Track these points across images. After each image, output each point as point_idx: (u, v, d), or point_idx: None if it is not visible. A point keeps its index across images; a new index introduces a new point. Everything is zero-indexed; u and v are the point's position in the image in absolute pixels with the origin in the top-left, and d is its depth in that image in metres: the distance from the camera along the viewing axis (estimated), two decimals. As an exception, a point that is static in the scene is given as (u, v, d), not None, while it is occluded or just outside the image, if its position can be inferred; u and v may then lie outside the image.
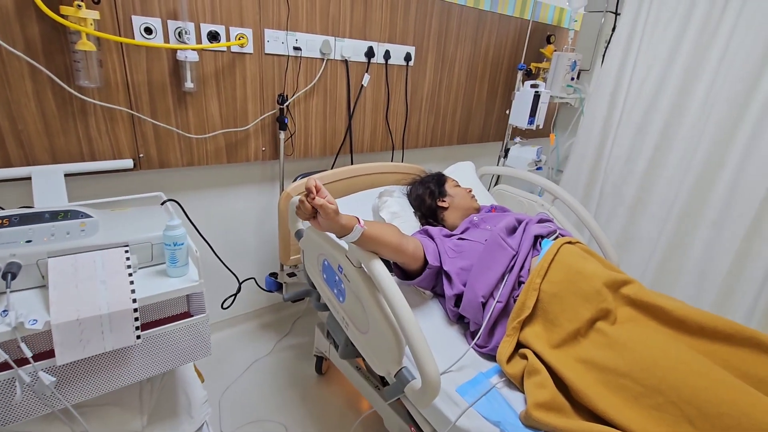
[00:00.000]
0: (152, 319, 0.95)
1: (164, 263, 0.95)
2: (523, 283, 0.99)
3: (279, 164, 1.61)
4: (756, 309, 1.41)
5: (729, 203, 1.44)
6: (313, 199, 0.79)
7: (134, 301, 0.84)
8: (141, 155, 1.33)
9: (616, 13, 1.95)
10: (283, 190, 1.61)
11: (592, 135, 1.73)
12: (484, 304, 0.99)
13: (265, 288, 1.71)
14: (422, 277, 1.04)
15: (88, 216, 0.95)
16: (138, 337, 0.86)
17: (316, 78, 1.59)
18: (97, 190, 1.33)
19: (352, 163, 1.84)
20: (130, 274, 0.88)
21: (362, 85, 1.73)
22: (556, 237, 1.08)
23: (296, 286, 1.75)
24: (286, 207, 1.45)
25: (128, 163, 1.30)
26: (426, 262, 1.03)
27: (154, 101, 1.30)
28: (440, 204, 1.34)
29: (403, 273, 1.06)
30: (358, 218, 0.87)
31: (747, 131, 1.42)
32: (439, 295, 1.13)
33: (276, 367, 1.69)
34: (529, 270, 1.01)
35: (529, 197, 1.58)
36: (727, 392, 0.71)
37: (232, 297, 1.48)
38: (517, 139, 2.00)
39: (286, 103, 1.53)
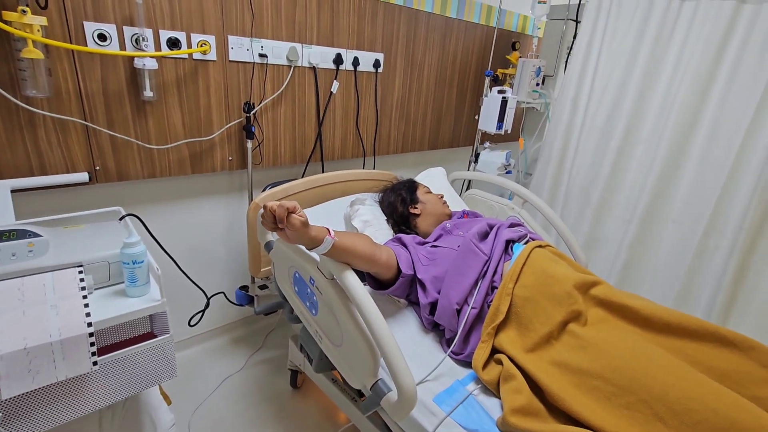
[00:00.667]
0: (112, 342, 0.89)
1: (123, 283, 0.90)
2: (497, 288, 0.99)
3: (247, 174, 1.56)
4: (716, 302, 1.48)
5: (688, 202, 1.51)
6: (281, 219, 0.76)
7: (89, 324, 0.79)
8: (97, 168, 1.26)
9: (577, 21, 2.02)
10: (251, 200, 1.57)
11: (557, 139, 1.78)
12: (458, 311, 0.98)
13: (235, 302, 1.66)
14: (396, 286, 1.03)
15: (36, 235, 0.89)
16: (95, 363, 0.80)
17: (284, 85, 1.56)
18: (51, 206, 1.25)
19: (323, 171, 1.82)
20: (85, 296, 0.83)
21: (331, 92, 1.72)
22: (527, 241, 1.09)
23: (268, 298, 1.71)
24: (255, 218, 1.41)
25: (83, 176, 1.23)
26: (399, 270, 1.02)
27: (111, 111, 1.24)
28: (412, 211, 1.34)
29: (376, 282, 1.05)
30: (328, 229, 0.85)
31: (702, 134, 1.50)
32: (414, 303, 1.12)
33: (249, 382, 1.63)
34: (501, 275, 1.01)
35: (500, 201, 1.60)
36: (694, 388, 0.73)
37: (200, 313, 1.42)
38: (487, 143, 2.03)
39: (253, 111, 1.49)
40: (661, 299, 1.55)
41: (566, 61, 2.15)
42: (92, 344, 0.79)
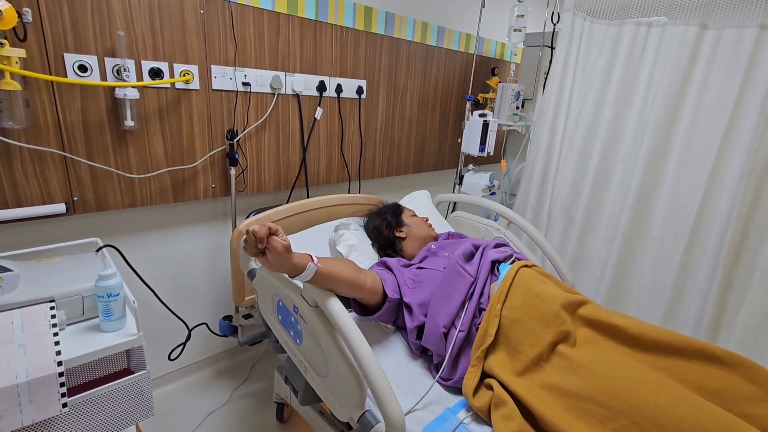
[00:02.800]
0: (85, 380, 0.85)
1: (98, 317, 0.86)
2: (484, 310, 0.98)
3: (230, 201, 1.54)
4: (703, 317, 1.49)
5: (668, 219, 1.53)
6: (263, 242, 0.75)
7: (59, 363, 0.75)
8: (75, 198, 1.24)
9: (552, 48, 2.10)
10: (235, 227, 1.55)
11: (538, 160, 1.82)
12: (446, 335, 0.97)
13: (218, 333, 1.60)
14: (382, 311, 1.01)
15: (5, 270, 0.86)
16: (64, 405, 0.76)
17: (267, 112, 1.57)
18: (27, 239, 1.21)
19: (308, 197, 1.81)
20: (56, 333, 0.79)
21: (315, 119, 1.73)
22: (513, 261, 1.09)
23: (253, 328, 1.66)
24: (238, 245, 1.39)
25: (60, 207, 1.20)
26: (386, 295, 1.00)
27: (90, 141, 1.23)
28: (398, 234, 1.33)
29: (361, 308, 1.03)
30: (311, 255, 0.84)
31: (676, 152, 1.54)
32: (402, 328, 1.10)
33: (233, 417, 1.56)
34: (488, 296, 1.00)
35: (485, 222, 1.60)
36: (686, 409, 0.72)
37: (181, 346, 1.37)
38: (470, 166, 2.06)
39: (236, 139, 1.49)
40: (649, 317, 1.55)
41: (544, 85, 2.22)
42: (62, 384, 0.75)
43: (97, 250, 1.05)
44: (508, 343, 0.93)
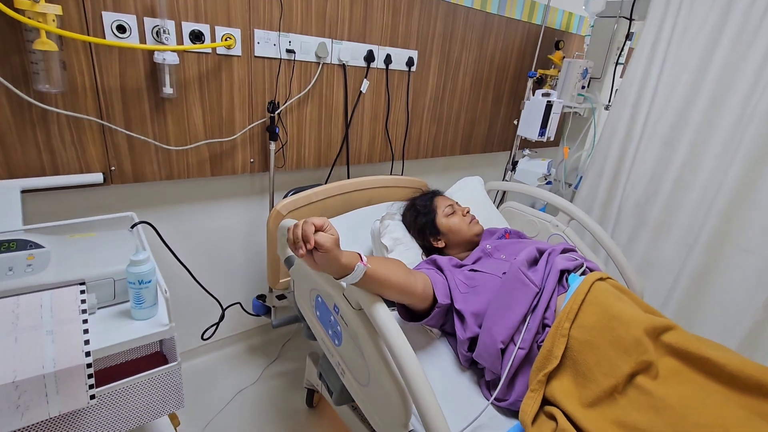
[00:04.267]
0: (113, 365, 0.80)
1: (128, 301, 0.81)
2: (548, 326, 0.86)
3: (269, 177, 1.46)
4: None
5: (765, 229, 1.31)
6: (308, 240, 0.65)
7: (87, 354, 0.70)
8: (112, 168, 1.19)
9: (630, 19, 1.84)
10: (273, 205, 1.47)
11: (613, 149, 1.61)
12: (503, 351, 0.85)
13: (252, 312, 1.57)
14: (431, 317, 0.90)
15: (37, 246, 0.81)
16: (92, 396, 0.71)
17: (311, 83, 1.45)
18: (63, 208, 1.18)
19: (348, 176, 1.71)
20: (85, 320, 0.74)
21: (361, 92, 1.60)
22: (584, 271, 0.95)
23: (287, 310, 1.61)
24: (275, 227, 1.31)
25: (97, 177, 1.15)
26: (435, 300, 0.90)
27: (128, 108, 1.16)
28: (436, 245, 1.20)
29: (407, 312, 0.93)
30: (360, 254, 0.73)
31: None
32: (449, 334, 1.00)
33: (263, 397, 1.54)
34: (555, 311, 0.88)
35: (542, 217, 1.45)
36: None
37: (214, 326, 1.33)
38: (526, 151, 1.88)
39: (278, 111, 1.39)
40: (724, 338, 1.36)
41: (616, 62, 1.97)
42: (90, 376, 0.70)
43: (132, 227, 0.99)
44: (575, 369, 0.81)
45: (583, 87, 1.96)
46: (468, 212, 1.24)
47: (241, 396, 1.55)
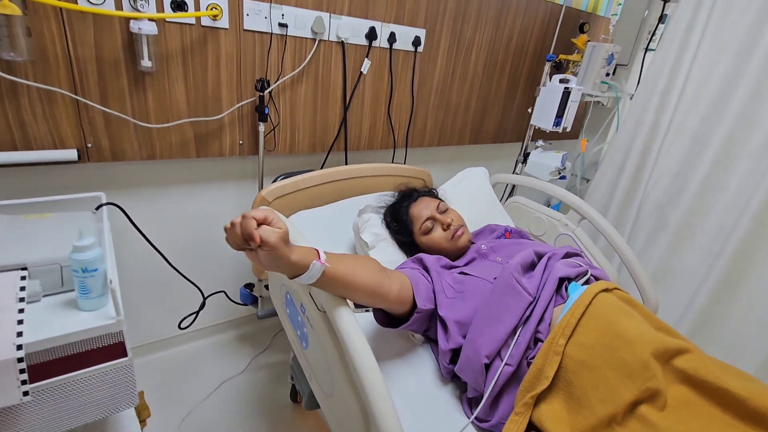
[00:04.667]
0: (68, 358, 0.74)
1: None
2: (541, 341, 0.75)
3: (258, 161, 1.38)
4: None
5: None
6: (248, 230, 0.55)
7: (19, 347, 0.63)
8: (89, 145, 1.12)
9: (665, 0, 1.66)
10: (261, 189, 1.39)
11: (636, 142, 1.45)
12: (488, 366, 0.76)
13: (239, 301, 1.51)
14: (409, 323, 0.81)
15: (-19, 226, 0.75)
16: (25, 393, 0.65)
17: (306, 61, 1.35)
18: (36, 186, 1.13)
19: (346, 163, 1.61)
20: (22, 310, 0.67)
21: (361, 73, 1.49)
22: (588, 280, 0.83)
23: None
24: (260, 213, 1.23)
25: (71, 154, 1.09)
26: (415, 304, 0.80)
27: (105, 82, 1.09)
28: (418, 254, 1.07)
29: (385, 316, 0.83)
30: (318, 250, 0.64)
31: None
32: (432, 340, 0.90)
33: (248, 389, 1.49)
34: (550, 324, 0.77)
35: (551, 215, 1.33)
36: None
37: (194, 315, 1.27)
38: (539, 142, 1.74)
39: (268, 90, 1.30)
40: (746, 359, 1.21)
41: (646, 48, 1.80)
42: (22, 371, 0.64)
43: (97, 208, 0.93)
44: (569, 392, 0.70)
45: (607, 74, 1.80)
46: (451, 224, 1.01)
47: (226, 386, 1.50)
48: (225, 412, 1.39)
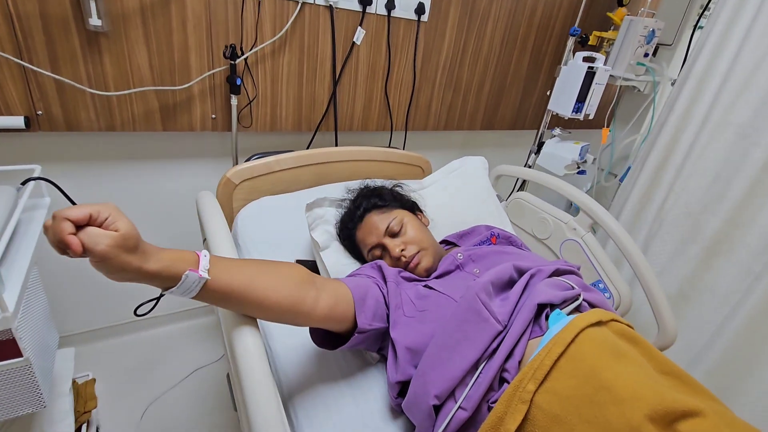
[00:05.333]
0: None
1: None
2: (508, 382, 0.60)
3: (231, 139, 1.25)
4: None
5: None
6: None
7: None
8: (39, 113, 1.03)
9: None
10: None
11: (664, 134, 1.22)
12: (438, 408, 0.61)
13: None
14: (349, 344, 0.67)
15: None
16: None
17: (286, 27, 1.20)
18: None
19: (336, 144, 1.46)
20: None
21: (354, 43, 1.32)
22: (578, 307, 0.66)
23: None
24: (224, 198, 1.12)
25: (18, 121, 0.99)
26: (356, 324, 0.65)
27: (53, 42, 0.98)
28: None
29: (323, 331, 0.69)
30: (198, 254, 0.51)
31: None
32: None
33: (220, 379, 1.41)
34: (520, 362, 0.61)
35: (556, 216, 1.14)
36: None
37: (153, 301, 1.18)
38: (556, 130, 1.52)
39: (241, 58, 1.16)
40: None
41: (695, 26, 1.53)
42: None
43: (23, 183, 0.83)
44: (533, 453, 0.55)
45: (646, 55, 1.54)
46: (401, 256, 0.82)
47: (199, 374, 1.43)
48: (193, 401, 1.33)
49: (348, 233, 0.90)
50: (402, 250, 0.82)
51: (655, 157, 1.24)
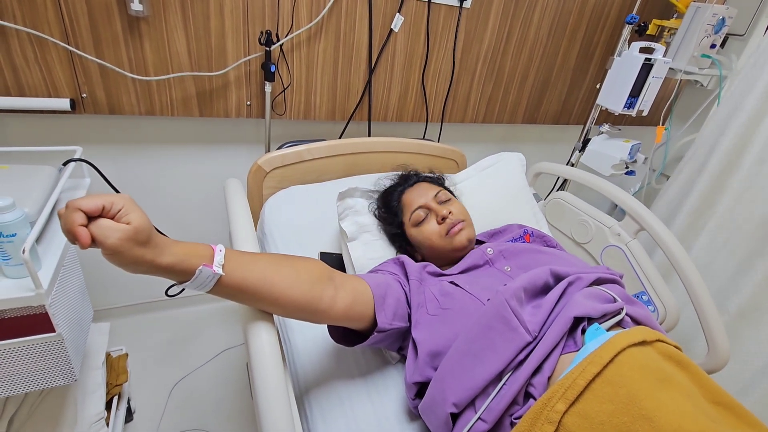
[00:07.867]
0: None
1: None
2: (533, 397, 0.55)
3: (264, 126, 1.25)
4: None
5: None
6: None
7: None
8: (84, 96, 1.06)
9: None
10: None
11: (730, 132, 1.09)
12: (456, 417, 0.57)
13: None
14: (369, 342, 0.64)
15: None
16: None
17: (323, 13, 1.17)
18: (27, 135, 1.10)
19: (369, 134, 1.43)
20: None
21: (392, 30, 1.28)
22: (620, 322, 0.60)
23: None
24: (255, 185, 1.12)
25: (63, 103, 1.03)
26: (375, 323, 0.63)
27: (97, 27, 1.00)
28: (411, 251, 0.89)
29: (343, 328, 0.67)
30: (214, 248, 0.50)
31: None
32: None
33: (245, 361, 1.44)
34: (549, 378, 0.56)
35: (600, 219, 1.06)
36: None
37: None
38: (605, 126, 1.42)
39: (277, 45, 1.15)
40: None
41: (774, 13, 1.37)
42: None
43: (64, 163, 0.86)
44: (558, 479, 0.50)
45: (713, 46, 1.40)
46: (447, 217, 0.81)
47: (226, 355, 1.47)
48: (219, 383, 1.36)
49: (392, 197, 0.91)
50: (446, 215, 0.81)
51: (719, 159, 1.12)
